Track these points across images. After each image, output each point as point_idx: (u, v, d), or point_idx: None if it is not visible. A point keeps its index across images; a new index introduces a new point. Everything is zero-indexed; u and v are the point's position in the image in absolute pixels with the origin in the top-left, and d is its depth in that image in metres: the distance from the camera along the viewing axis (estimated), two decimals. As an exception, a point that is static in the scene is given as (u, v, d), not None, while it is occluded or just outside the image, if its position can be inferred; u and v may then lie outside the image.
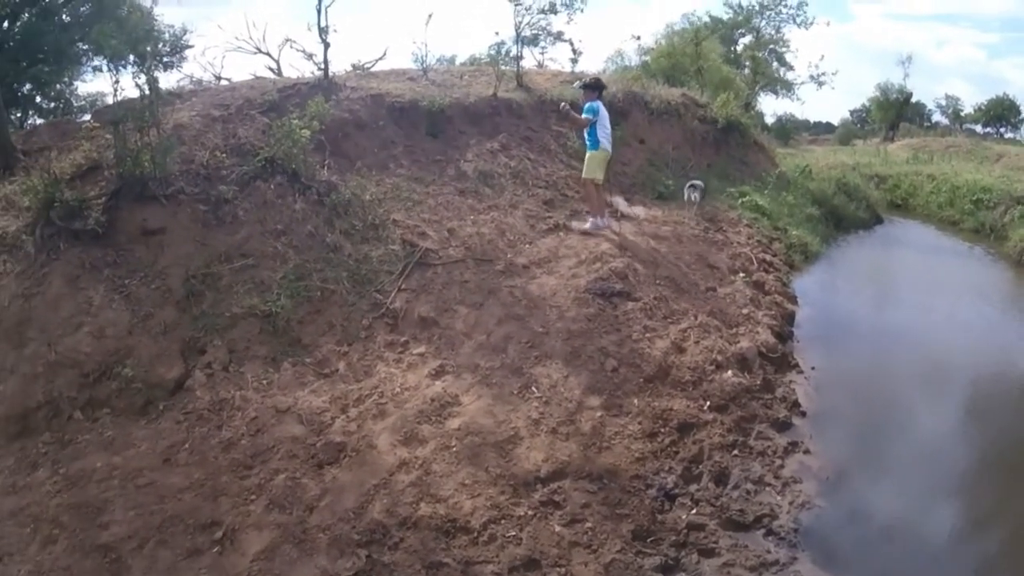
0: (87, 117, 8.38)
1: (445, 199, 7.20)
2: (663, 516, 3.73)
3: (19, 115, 11.44)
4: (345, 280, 5.65)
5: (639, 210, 8.35)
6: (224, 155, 6.05)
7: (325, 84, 7.98)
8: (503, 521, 3.65)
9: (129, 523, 3.76)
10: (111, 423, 4.51)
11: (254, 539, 3.61)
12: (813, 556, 3.63)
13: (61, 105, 11.47)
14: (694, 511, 3.78)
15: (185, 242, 5.42)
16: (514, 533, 3.58)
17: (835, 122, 44.42)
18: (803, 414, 4.97)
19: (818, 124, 43.69)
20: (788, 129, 30.50)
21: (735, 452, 4.30)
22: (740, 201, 9.91)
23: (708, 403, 4.65)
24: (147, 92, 5.64)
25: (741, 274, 7.09)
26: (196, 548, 3.60)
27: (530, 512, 3.70)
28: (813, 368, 5.71)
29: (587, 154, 7.07)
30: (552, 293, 5.69)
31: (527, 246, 6.58)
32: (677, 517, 3.74)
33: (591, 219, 7.07)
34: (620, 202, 8.47)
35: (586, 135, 7.12)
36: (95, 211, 5.25)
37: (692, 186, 9.08)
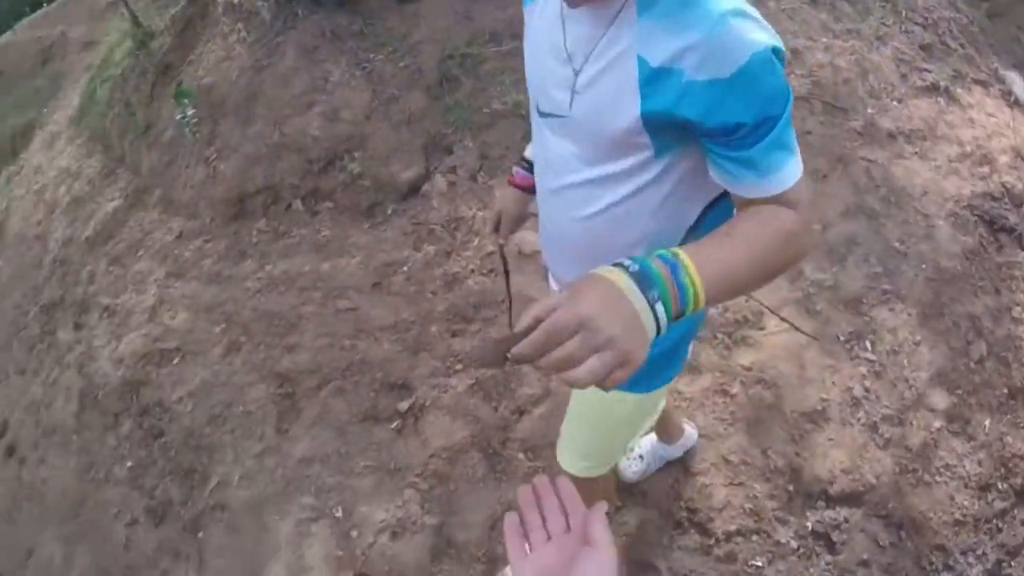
0: None
1: (791, 5, 4.81)
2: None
3: None
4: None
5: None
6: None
7: None
8: (755, 537, 2.17)
9: (316, 353, 2.94)
10: (331, 220, 3.63)
11: (441, 429, 2.58)
12: None
13: None
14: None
15: (446, 14, 4.08)
16: (759, 564, 2.12)
17: None
18: None
19: None
20: None
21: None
22: None
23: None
24: None
25: None
26: (375, 413, 2.70)
27: (793, 543, 2.15)
28: None
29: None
30: (922, 191, 3.43)
31: (895, 103, 4.10)
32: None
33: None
34: (1015, 78, 5.10)
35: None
36: (342, -30, 4.11)
37: None
